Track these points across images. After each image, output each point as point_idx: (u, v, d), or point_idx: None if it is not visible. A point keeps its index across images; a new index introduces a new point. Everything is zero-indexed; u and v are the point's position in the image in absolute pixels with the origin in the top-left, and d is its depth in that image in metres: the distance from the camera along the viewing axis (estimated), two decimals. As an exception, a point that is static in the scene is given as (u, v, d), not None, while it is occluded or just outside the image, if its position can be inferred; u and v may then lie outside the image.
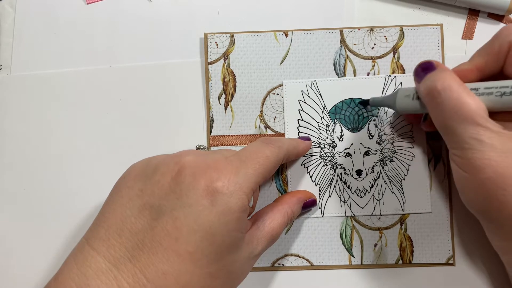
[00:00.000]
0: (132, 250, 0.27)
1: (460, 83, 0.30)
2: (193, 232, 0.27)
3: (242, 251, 0.30)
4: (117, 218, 0.28)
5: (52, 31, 0.43)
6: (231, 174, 0.29)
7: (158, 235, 0.27)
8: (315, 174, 0.40)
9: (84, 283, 0.26)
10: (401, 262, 0.39)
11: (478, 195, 0.30)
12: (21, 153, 0.42)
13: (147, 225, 0.28)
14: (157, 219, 0.28)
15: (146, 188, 0.29)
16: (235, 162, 0.30)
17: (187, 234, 0.27)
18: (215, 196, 0.28)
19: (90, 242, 0.28)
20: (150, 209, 0.28)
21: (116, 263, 0.27)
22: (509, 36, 0.32)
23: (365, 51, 0.41)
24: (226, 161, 0.30)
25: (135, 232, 0.28)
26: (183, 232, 0.27)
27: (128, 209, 0.28)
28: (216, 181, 0.28)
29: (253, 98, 0.41)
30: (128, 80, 0.42)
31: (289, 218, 0.36)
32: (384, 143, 0.40)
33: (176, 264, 0.27)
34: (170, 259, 0.27)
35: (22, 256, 0.40)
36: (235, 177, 0.29)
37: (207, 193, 0.28)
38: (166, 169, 0.29)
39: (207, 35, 0.41)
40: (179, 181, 0.28)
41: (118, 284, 0.26)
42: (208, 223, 0.27)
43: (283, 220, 0.35)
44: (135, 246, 0.27)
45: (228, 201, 0.28)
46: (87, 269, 0.27)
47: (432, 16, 0.42)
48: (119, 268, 0.26)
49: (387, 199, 0.39)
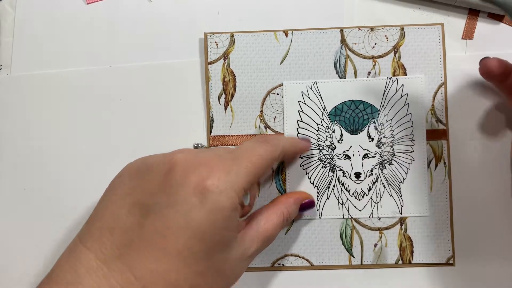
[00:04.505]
0: (122, 248, 0.27)
1: None
2: (182, 230, 0.27)
3: (234, 250, 0.30)
4: (109, 216, 0.28)
5: (52, 31, 0.43)
6: (222, 172, 0.29)
7: (147, 233, 0.27)
8: (313, 176, 0.40)
9: (75, 281, 0.26)
10: (401, 262, 0.39)
11: None
12: (21, 153, 0.42)
13: (137, 223, 0.27)
14: (146, 217, 0.27)
15: (138, 186, 0.29)
16: (227, 160, 0.30)
17: (176, 232, 0.27)
18: (205, 194, 0.28)
19: (83, 240, 0.28)
20: (140, 207, 0.28)
21: (107, 261, 0.27)
22: None
23: (365, 50, 0.41)
24: (218, 159, 0.30)
25: (125, 230, 0.27)
26: (172, 230, 0.27)
27: (120, 207, 0.28)
28: (206, 179, 0.28)
29: (253, 98, 0.41)
30: (128, 80, 0.42)
31: (285, 219, 0.35)
32: (384, 146, 0.40)
33: (164, 262, 0.27)
34: (158, 257, 0.27)
35: (21, 256, 0.41)
36: (226, 175, 0.29)
37: (197, 191, 0.28)
38: (158, 167, 0.29)
39: (207, 35, 0.41)
40: (169, 178, 0.28)
41: (108, 282, 0.26)
42: (197, 222, 0.27)
43: (279, 220, 0.34)
44: (125, 244, 0.27)
45: (217, 199, 0.28)
46: (79, 266, 0.27)
47: (432, 16, 0.42)
48: (109, 266, 0.27)
49: (385, 202, 0.39)
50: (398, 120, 0.40)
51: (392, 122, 0.40)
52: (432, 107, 0.40)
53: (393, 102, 0.40)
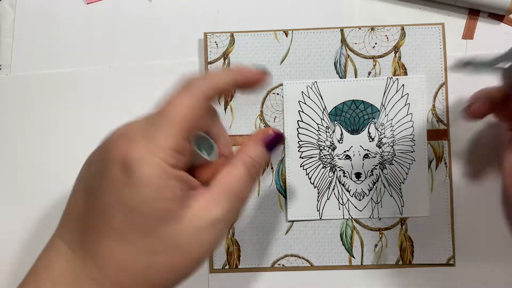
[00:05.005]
0: (81, 233, 0.27)
1: None
2: (115, 208, 0.25)
3: (185, 220, 0.26)
4: (71, 203, 0.28)
5: (52, 31, 0.43)
6: (141, 139, 0.26)
7: (93, 216, 0.26)
8: (314, 176, 0.40)
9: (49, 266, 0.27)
10: (401, 263, 0.39)
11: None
12: (21, 153, 0.42)
13: (85, 207, 0.27)
14: (90, 200, 0.27)
15: (87, 168, 0.28)
16: (145, 124, 0.27)
17: (111, 211, 0.25)
18: (128, 167, 0.25)
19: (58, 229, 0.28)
20: (85, 190, 0.27)
21: (72, 246, 0.27)
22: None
23: (366, 50, 0.40)
24: (137, 124, 0.27)
25: (80, 215, 0.27)
26: (108, 211, 0.26)
27: (76, 193, 0.28)
28: (126, 150, 0.26)
29: (253, 98, 0.41)
30: (128, 80, 0.42)
31: (248, 166, 0.29)
32: (384, 146, 0.39)
33: (109, 244, 0.26)
34: (103, 240, 0.26)
35: (21, 256, 0.41)
36: (146, 142, 0.26)
37: (122, 166, 0.25)
38: (101, 144, 0.28)
39: (207, 35, 0.41)
40: (101, 157, 0.27)
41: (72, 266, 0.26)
42: (126, 197, 0.25)
43: (241, 171, 0.29)
44: (83, 228, 0.27)
45: (140, 170, 0.25)
46: (52, 253, 0.27)
47: (433, 15, 0.42)
48: (74, 250, 0.27)
49: (385, 202, 0.39)
50: (398, 120, 0.39)
51: (392, 122, 0.39)
52: (433, 107, 0.40)
53: (393, 102, 0.40)
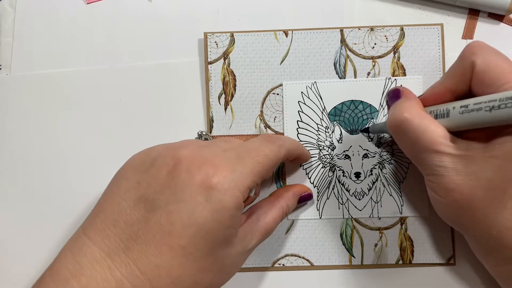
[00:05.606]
0: (127, 241, 0.27)
1: (418, 112, 0.31)
2: (186, 227, 0.27)
3: (235, 245, 0.30)
4: (114, 209, 0.29)
5: (52, 31, 0.43)
6: (227, 171, 0.29)
7: (152, 228, 0.27)
8: (313, 176, 0.40)
9: (78, 272, 0.26)
10: (401, 262, 0.39)
11: (451, 215, 0.32)
12: (21, 153, 0.42)
13: (142, 217, 0.28)
14: (151, 212, 0.28)
15: (143, 181, 0.29)
16: (233, 158, 0.30)
17: (180, 228, 0.27)
18: (210, 192, 0.28)
19: (86, 232, 0.28)
20: (145, 202, 0.28)
21: (110, 253, 0.27)
22: (471, 56, 0.31)
23: (365, 50, 0.41)
24: (223, 156, 0.30)
25: (130, 223, 0.28)
26: (177, 227, 0.27)
27: (125, 201, 0.29)
28: (211, 177, 0.28)
29: (253, 98, 0.41)
30: (128, 80, 0.42)
31: (284, 213, 0.36)
32: (383, 145, 0.39)
33: (168, 257, 0.27)
34: (162, 252, 0.27)
35: (21, 256, 0.41)
36: (231, 174, 0.29)
37: (202, 189, 0.28)
38: (162, 162, 0.29)
39: (207, 35, 0.41)
40: (174, 176, 0.28)
41: (112, 273, 0.26)
42: (202, 219, 0.27)
43: (278, 214, 0.35)
44: (129, 237, 0.27)
45: (222, 198, 0.28)
46: (82, 258, 0.27)
47: (432, 15, 0.42)
48: (113, 259, 0.27)
49: (385, 201, 0.39)
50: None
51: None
52: (431, 107, 0.40)
53: (392, 102, 0.40)
